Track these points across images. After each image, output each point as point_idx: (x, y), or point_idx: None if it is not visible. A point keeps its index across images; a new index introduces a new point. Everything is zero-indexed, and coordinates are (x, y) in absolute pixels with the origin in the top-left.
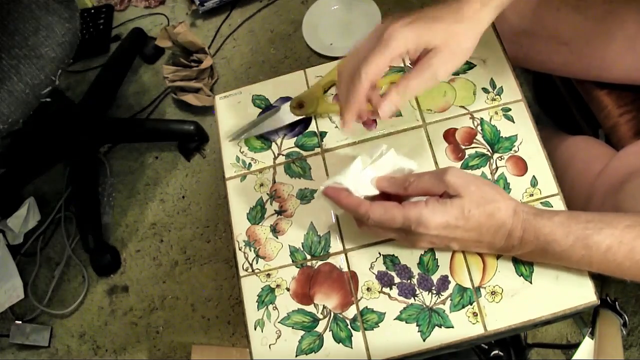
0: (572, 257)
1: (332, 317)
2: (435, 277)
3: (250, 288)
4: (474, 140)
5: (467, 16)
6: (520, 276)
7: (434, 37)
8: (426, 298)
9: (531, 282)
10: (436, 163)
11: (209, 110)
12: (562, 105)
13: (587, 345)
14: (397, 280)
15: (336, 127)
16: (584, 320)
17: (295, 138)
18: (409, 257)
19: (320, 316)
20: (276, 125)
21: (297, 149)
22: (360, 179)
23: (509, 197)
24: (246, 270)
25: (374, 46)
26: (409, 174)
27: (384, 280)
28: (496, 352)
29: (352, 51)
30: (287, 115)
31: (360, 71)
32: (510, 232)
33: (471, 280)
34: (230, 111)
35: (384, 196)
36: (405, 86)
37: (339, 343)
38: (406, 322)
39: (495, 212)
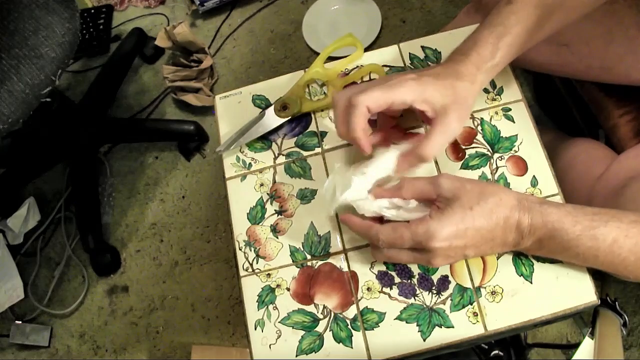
0: (580, 247)
1: (332, 317)
2: (435, 277)
3: (251, 288)
4: (474, 140)
5: (465, 76)
6: (520, 276)
7: (440, 95)
8: (426, 298)
9: (531, 282)
10: (436, 163)
11: (209, 110)
12: (562, 106)
13: (587, 345)
14: (397, 280)
15: None
16: (584, 320)
17: (296, 138)
18: None
19: (321, 316)
20: (264, 130)
21: (297, 149)
22: (363, 191)
23: (508, 189)
24: (246, 270)
25: (377, 84)
26: (403, 178)
27: (384, 280)
28: (496, 352)
29: (349, 87)
30: (272, 119)
31: (358, 99)
32: (519, 221)
33: (471, 280)
34: (230, 111)
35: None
36: (429, 150)
37: (339, 343)
38: (406, 322)
39: (499, 203)
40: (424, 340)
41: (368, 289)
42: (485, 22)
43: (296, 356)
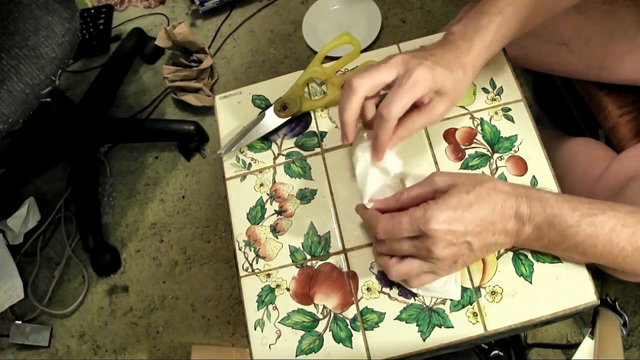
0: (579, 235)
1: (332, 317)
2: None
3: (250, 288)
4: (474, 140)
5: (467, 66)
6: (520, 276)
7: (447, 85)
8: (426, 298)
9: (531, 282)
10: (436, 163)
11: (209, 110)
12: (562, 106)
13: (587, 345)
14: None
15: (336, 127)
16: (584, 320)
17: (295, 138)
18: None
19: (320, 316)
20: (264, 131)
21: (297, 149)
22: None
23: (501, 180)
24: (246, 270)
25: (400, 84)
26: (397, 191)
27: (384, 280)
28: (496, 352)
29: (363, 70)
30: (273, 120)
31: (390, 112)
32: (517, 207)
33: (471, 280)
34: (230, 111)
35: None
36: (412, 126)
37: (339, 343)
38: (406, 322)
39: (494, 188)
40: (424, 340)
41: (368, 289)
42: (481, 9)
43: (296, 356)
